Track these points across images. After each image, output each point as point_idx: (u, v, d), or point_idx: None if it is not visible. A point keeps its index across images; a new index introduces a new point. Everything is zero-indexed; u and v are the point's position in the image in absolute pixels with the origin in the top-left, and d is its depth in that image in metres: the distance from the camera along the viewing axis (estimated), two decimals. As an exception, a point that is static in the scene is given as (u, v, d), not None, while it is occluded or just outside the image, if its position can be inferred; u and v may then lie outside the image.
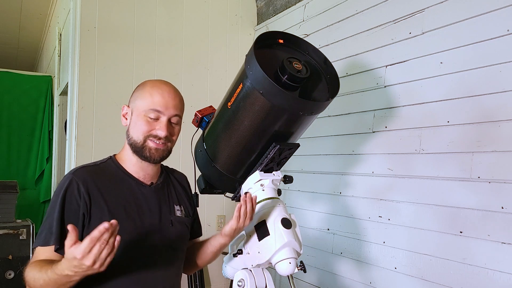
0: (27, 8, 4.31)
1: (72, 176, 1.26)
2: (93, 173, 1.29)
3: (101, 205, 1.25)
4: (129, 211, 1.29)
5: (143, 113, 1.28)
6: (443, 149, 1.83)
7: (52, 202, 1.26)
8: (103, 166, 1.34)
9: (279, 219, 1.32)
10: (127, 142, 1.33)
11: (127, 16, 2.79)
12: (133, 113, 1.31)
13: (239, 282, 1.46)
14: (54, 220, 1.21)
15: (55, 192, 1.27)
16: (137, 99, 1.31)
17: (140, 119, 1.28)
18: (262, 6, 3.24)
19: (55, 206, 1.23)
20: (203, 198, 1.62)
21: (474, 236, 1.69)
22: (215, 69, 3.10)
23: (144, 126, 1.28)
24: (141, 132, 1.29)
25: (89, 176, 1.27)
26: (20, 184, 3.56)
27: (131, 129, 1.31)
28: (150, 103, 1.27)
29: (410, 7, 2.00)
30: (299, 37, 1.40)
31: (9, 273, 2.91)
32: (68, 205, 1.23)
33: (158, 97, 1.28)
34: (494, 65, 1.65)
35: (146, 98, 1.28)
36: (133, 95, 1.34)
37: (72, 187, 1.24)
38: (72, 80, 2.70)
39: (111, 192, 1.29)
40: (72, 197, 1.23)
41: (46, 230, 1.22)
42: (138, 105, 1.29)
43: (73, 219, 1.22)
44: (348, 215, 2.31)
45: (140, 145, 1.29)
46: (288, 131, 1.35)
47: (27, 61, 6.12)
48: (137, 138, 1.29)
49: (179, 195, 1.48)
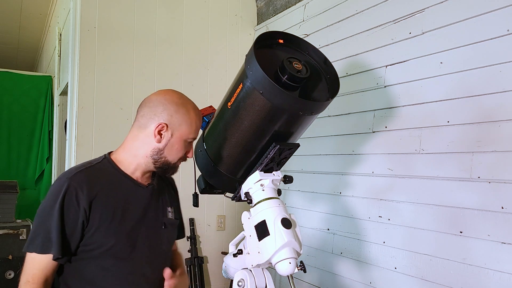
0: (27, 8, 4.31)
1: (70, 181, 1.24)
2: (91, 176, 1.28)
3: (100, 210, 1.26)
4: (127, 213, 1.30)
5: (185, 139, 1.33)
6: (443, 149, 1.82)
7: (47, 206, 1.24)
8: (99, 167, 1.33)
9: (279, 219, 1.32)
10: (152, 156, 1.32)
11: (127, 16, 2.79)
12: (173, 135, 1.31)
13: (239, 282, 1.46)
14: (52, 228, 1.20)
15: (51, 195, 1.24)
16: (183, 124, 1.31)
17: (181, 144, 1.33)
18: (262, 6, 3.24)
19: (51, 212, 1.21)
20: (203, 198, 1.62)
21: (474, 236, 1.69)
22: (215, 69, 3.10)
23: (181, 151, 1.35)
24: (178, 156, 1.35)
25: (87, 181, 1.26)
26: (20, 184, 3.56)
27: (168, 150, 1.32)
28: (194, 131, 1.34)
29: (410, 7, 2.00)
30: (299, 37, 1.40)
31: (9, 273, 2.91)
32: (67, 213, 1.22)
33: (199, 124, 1.36)
34: (494, 65, 1.65)
35: (192, 125, 1.33)
36: (175, 115, 1.30)
37: (70, 194, 1.22)
38: (72, 80, 2.70)
39: (109, 195, 1.29)
40: (71, 204, 1.22)
41: (42, 237, 1.21)
42: (183, 130, 1.32)
43: (73, 228, 1.23)
44: (348, 215, 2.31)
45: (172, 165, 1.36)
46: (288, 131, 1.35)
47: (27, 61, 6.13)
48: (172, 159, 1.34)
49: (171, 197, 1.53)
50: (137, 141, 1.33)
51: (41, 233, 1.22)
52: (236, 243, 1.61)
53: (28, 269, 1.22)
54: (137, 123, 1.34)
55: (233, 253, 1.53)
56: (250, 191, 1.42)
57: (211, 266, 3.07)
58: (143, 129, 1.32)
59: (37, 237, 1.22)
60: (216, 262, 3.06)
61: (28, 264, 1.22)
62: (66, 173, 1.29)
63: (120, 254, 1.29)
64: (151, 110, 1.31)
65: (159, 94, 1.35)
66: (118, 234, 1.28)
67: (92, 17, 2.68)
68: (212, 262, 3.08)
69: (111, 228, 1.27)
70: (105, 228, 1.26)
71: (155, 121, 1.29)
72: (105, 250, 1.26)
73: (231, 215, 3.12)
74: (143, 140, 1.32)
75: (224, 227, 3.12)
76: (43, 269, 1.22)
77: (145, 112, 1.32)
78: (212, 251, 3.04)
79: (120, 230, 1.29)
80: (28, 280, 1.20)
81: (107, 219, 1.27)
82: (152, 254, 1.36)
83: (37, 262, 1.21)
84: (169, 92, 1.36)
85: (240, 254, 1.48)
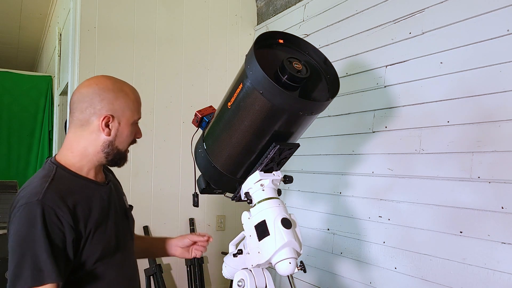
0: (27, 8, 4.31)
1: (42, 203, 1.11)
2: (59, 190, 1.17)
3: (82, 220, 1.19)
4: (100, 215, 1.27)
5: (131, 121, 1.28)
6: (443, 149, 1.83)
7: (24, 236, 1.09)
8: (58, 177, 1.22)
9: (279, 219, 1.32)
10: (104, 150, 1.26)
11: (127, 16, 2.79)
12: (120, 123, 1.25)
13: (239, 282, 1.46)
14: (40, 255, 1.08)
15: (25, 223, 1.10)
16: (126, 109, 1.26)
17: (128, 129, 1.28)
18: (262, 6, 3.24)
19: (33, 239, 1.08)
20: (203, 198, 1.62)
21: (474, 236, 1.69)
22: (215, 69, 3.10)
23: (130, 136, 1.29)
24: (128, 142, 1.30)
25: (59, 197, 1.15)
26: (20, 184, 3.55)
27: (118, 139, 1.27)
28: (138, 112, 1.30)
29: (410, 7, 2.00)
30: (299, 37, 1.40)
31: (9, 273, 2.91)
32: (54, 236, 1.11)
33: (139, 103, 1.31)
34: (494, 65, 1.65)
35: (134, 108, 1.28)
36: (116, 102, 1.24)
37: (49, 215, 1.11)
38: (72, 80, 2.70)
39: (81, 202, 1.21)
40: (54, 226, 1.11)
41: (30, 268, 1.07)
42: (127, 115, 1.26)
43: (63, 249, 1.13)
44: (348, 215, 2.31)
45: (123, 153, 1.30)
46: (288, 131, 1.35)
47: (27, 61, 6.13)
48: (123, 147, 1.29)
49: (119, 185, 1.51)
50: (83, 140, 1.25)
51: (26, 265, 1.07)
52: (236, 243, 1.61)
53: None
54: (76, 122, 1.26)
55: (233, 253, 1.53)
56: (250, 191, 1.42)
57: (211, 266, 3.08)
58: (86, 126, 1.24)
59: (22, 270, 1.07)
60: (216, 262, 3.06)
61: None
62: (29, 196, 1.13)
63: (108, 258, 1.27)
64: (88, 104, 1.22)
65: (89, 85, 1.26)
66: (102, 239, 1.25)
67: (92, 17, 2.68)
68: (212, 262, 3.08)
69: (96, 234, 1.22)
70: (92, 236, 1.21)
71: (97, 115, 1.22)
72: (95, 259, 1.22)
73: (231, 215, 3.12)
74: (88, 137, 1.24)
75: (224, 227, 3.12)
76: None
77: (82, 107, 1.24)
78: (212, 251, 3.04)
79: (103, 233, 1.26)
80: None
81: (90, 226, 1.21)
82: (128, 246, 1.40)
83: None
84: (100, 79, 1.28)
85: (240, 254, 1.49)
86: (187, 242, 1.64)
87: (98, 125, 1.22)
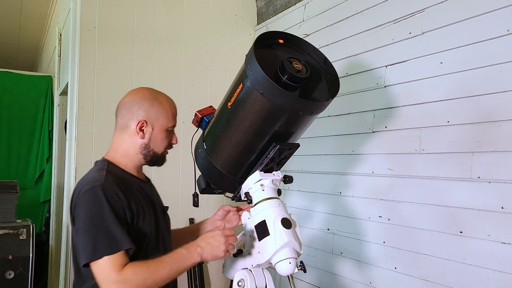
0: (27, 8, 4.31)
1: (103, 186, 1.27)
2: (114, 179, 1.33)
3: (134, 206, 1.33)
4: (146, 209, 1.39)
5: (166, 129, 1.41)
6: (443, 149, 1.82)
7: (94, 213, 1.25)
8: (111, 170, 1.38)
9: (279, 219, 1.32)
10: (141, 152, 1.41)
11: (127, 16, 2.79)
12: (154, 128, 1.40)
13: (239, 282, 1.46)
14: (112, 228, 1.23)
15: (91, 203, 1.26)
16: (160, 117, 1.40)
17: (163, 135, 1.42)
18: (262, 6, 3.24)
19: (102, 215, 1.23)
20: (203, 198, 1.62)
21: (474, 236, 1.69)
22: (215, 69, 3.10)
23: (165, 140, 1.43)
24: (163, 146, 1.43)
25: (116, 184, 1.31)
26: (20, 184, 3.55)
27: (153, 143, 1.41)
28: (172, 120, 1.43)
29: (410, 7, 2.00)
30: (299, 37, 1.40)
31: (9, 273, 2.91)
32: (118, 210, 1.26)
33: (174, 113, 1.44)
34: (494, 65, 1.65)
35: (168, 116, 1.41)
36: (151, 110, 1.39)
37: (111, 194, 1.27)
38: (72, 80, 2.70)
39: (131, 194, 1.36)
40: (117, 203, 1.27)
41: (105, 239, 1.22)
42: (161, 122, 1.40)
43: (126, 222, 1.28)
44: (348, 215, 2.31)
45: (161, 155, 1.44)
46: (288, 131, 1.35)
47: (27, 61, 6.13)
48: (159, 150, 1.43)
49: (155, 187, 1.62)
50: (124, 143, 1.42)
51: (99, 237, 1.22)
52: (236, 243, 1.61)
53: (105, 273, 1.20)
54: (118, 126, 1.44)
55: (233, 253, 1.53)
56: (250, 191, 1.42)
57: (211, 266, 3.07)
58: (125, 130, 1.41)
59: (97, 242, 1.22)
60: (216, 262, 3.05)
61: (102, 269, 1.21)
62: (92, 181, 1.30)
63: (151, 249, 1.37)
64: (127, 111, 1.41)
65: (131, 94, 1.45)
66: (147, 228, 1.37)
67: (92, 17, 2.68)
68: (212, 262, 3.07)
69: (144, 222, 1.35)
70: (144, 218, 1.35)
71: (134, 120, 1.39)
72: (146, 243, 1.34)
73: (231, 215, 3.11)
74: (128, 140, 1.41)
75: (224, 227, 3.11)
76: (117, 266, 1.21)
77: (122, 114, 1.42)
78: (212, 251, 3.03)
79: (148, 224, 1.38)
80: (114, 278, 1.20)
81: (142, 211, 1.35)
82: (167, 241, 1.48)
83: (112, 262, 1.21)
84: (139, 90, 1.46)
85: (240, 254, 1.49)
86: (221, 213, 1.67)
87: (134, 128, 1.38)
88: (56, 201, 3.84)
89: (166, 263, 1.26)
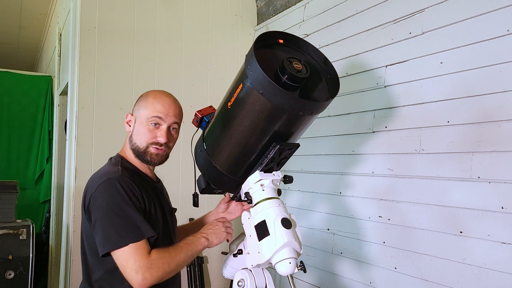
0: (27, 8, 4.31)
1: (119, 179, 1.31)
2: (128, 174, 1.37)
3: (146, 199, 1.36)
4: (157, 208, 1.42)
5: (145, 121, 1.41)
6: (443, 149, 1.83)
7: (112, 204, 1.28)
8: (125, 165, 1.41)
9: (279, 219, 1.32)
10: (129, 147, 1.44)
11: (127, 16, 2.79)
12: (136, 121, 1.43)
13: (239, 282, 1.46)
14: (133, 217, 1.27)
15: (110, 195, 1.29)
16: (141, 108, 1.43)
17: (143, 126, 1.41)
18: (262, 6, 3.24)
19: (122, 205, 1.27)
20: (203, 198, 1.62)
21: (474, 236, 1.69)
22: (215, 69, 3.10)
23: (147, 133, 1.41)
24: (144, 139, 1.41)
25: (130, 178, 1.35)
26: (20, 184, 3.55)
27: (134, 136, 1.43)
28: (152, 111, 1.41)
29: (410, 7, 2.00)
30: (299, 37, 1.40)
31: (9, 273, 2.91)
32: (134, 200, 1.31)
33: (159, 106, 1.42)
34: (494, 65, 1.65)
35: (149, 108, 1.41)
36: (137, 104, 1.46)
37: (127, 186, 1.31)
38: (72, 80, 2.70)
39: (144, 189, 1.39)
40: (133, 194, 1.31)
41: (128, 228, 1.26)
42: (142, 114, 1.42)
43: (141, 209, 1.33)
44: (348, 215, 2.31)
45: (142, 150, 1.42)
46: (288, 131, 1.35)
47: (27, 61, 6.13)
48: (140, 144, 1.42)
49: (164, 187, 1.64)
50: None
51: (123, 225, 1.26)
52: (236, 243, 1.61)
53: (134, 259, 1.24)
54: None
55: (233, 253, 1.53)
56: (250, 191, 1.42)
57: (211, 266, 3.08)
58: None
59: (121, 231, 1.26)
60: (216, 262, 3.06)
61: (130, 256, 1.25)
62: (109, 173, 1.34)
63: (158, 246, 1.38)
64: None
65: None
66: (156, 224, 1.39)
67: (92, 17, 2.68)
68: (212, 262, 3.08)
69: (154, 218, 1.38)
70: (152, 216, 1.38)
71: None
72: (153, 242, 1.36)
73: (231, 215, 3.11)
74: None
75: (224, 227, 3.12)
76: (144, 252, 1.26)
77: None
78: (212, 251, 3.04)
79: (156, 220, 1.40)
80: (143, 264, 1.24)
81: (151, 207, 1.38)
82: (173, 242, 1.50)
83: (137, 249, 1.25)
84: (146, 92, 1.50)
85: (240, 254, 1.49)
86: (223, 206, 1.70)
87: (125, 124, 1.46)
88: (56, 201, 3.84)
89: (182, 248, 1.34)
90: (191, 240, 1.38)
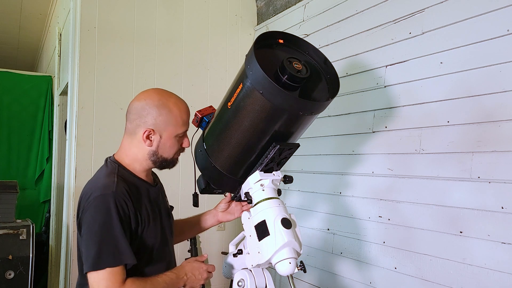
0: (27, 8, 4.31)
1: (115, 195, 1.28)
2: (125, 185, 1.33)
3: (141, 213, 1.35)
4: (153, 213, 1.41)
5: (176, 137, 1.40)
6: (443, 149, 1.82)
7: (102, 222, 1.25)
8: (121, 174, 1.37)
9: (279, 219, 1.32)
10: (150, 159, 1.40)
11: (127, 16, 2.79)
12: (162, 136, 1.38)
13: (239, 282, 1.46)
14: (118, 239, 1.24)
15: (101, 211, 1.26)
16: (169, 124, 1.37)
17: (172, 140, 1.40)
18: (262, 6, 3.24)
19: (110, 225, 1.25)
20: (203, 198, 1.62)
21: (474, 236, 1.69)
22: (215, 69, 3.10)
23: (176, 145, 1.42)
24: (173, 151, 1.42)
25: (127, 191, 1.32)
26: (20, 184, 3.55)
27: (161, 150, 1.39)
28: (181, 126, 1.39)
29: (410, 7, 2.00)
30: (299, 37, 1.40)
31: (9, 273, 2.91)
32: (125, 223, 1.28)
33: (185, 118, 1.40)
34: (494, 65, 1.65)
35: (177, 122, 1.38)
36: (159, 118, 1.36)
37: (121, 205, 1.27)
38: (72, 80, 2.70)
39: (140, 198, 1.38)
40: (125, 214, 1.28)
41: (110, 250, 1.24)
42: (171, 130, 1.38)
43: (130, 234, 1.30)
44: (348, 215, 2.31)
45: (169, 160, 1.43)
46: (288, 131, 1.35)
47: (27, 61, 6.12)
48: (168, 156, 1.42)
49: (163, 187, 1.62)
50: (133, 147, 1.40)
51: (104, 248, 1.24)
52: (236, 243, 1.62)
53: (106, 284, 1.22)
54: (127, 130, 1.42)
55: (233, 253, 1.54)
56: (250, 191, 1.42)
57: (211, 266, 3.07)
58: (133, 136, 1.39)
59: (102, 252, 1.23)
60: (216, 262, 3.06)
61: (102, 280, 1.23)
62: (103, 188, 1.30)
63: (157, 253, 1.39)
64: (136, 116, 1.37)
65: (139, 99, 1.40)
66: (155, 234, 1.39)
67: (92, 17, 2.68)
68: (212, 262, 3.06)
69: (150, 228, 1.37)
70: (147, 228, 1.36)
71: (142, 128, 1.36)
72: (149, 251, 1.36)
73: (231, 215, 3.11)
74: (137, 145, 1.39)
75: (224, 227, 3.12)
76: (118, 279, 1.24)
77: (131, 118, 1.39)
78: (212, 251, 3.04)
79: (155, 229, 1.40)
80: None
81: (147, 220, 1.36)
82: (171, 242, 1.51)
83: (113, 275, 1.23)
84: (149, 94, 1.40)
85: (240, 254, 1.49)
86: (224, 206, 1.70)
87: (141, 136, 1.37)
88: (56, 201, 3.84)
89: (160, 284, 1.31)
90: (171, 278, 1.35)
